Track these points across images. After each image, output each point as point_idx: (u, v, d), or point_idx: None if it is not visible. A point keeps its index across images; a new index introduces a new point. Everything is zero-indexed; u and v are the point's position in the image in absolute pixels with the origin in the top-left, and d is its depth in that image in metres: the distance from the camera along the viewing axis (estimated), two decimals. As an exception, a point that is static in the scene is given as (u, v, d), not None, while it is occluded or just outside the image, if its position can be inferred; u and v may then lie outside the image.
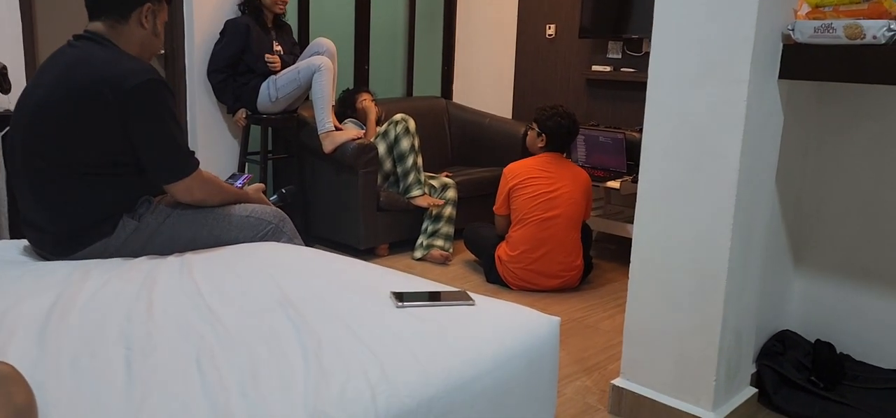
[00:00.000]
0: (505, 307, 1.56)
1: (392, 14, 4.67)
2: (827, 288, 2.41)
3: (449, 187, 3.82)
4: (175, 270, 1.71)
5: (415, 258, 3.72)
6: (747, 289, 2.06)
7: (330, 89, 3.56)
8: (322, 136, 3.58)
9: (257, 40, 3.59)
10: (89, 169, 1.81)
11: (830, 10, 1.80)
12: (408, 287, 1.63)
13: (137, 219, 1.89)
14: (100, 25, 1.88)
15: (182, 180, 1.89)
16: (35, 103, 1.82)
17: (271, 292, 1.56)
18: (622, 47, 4.25)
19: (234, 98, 3.67)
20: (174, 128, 1.86)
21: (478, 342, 1.38)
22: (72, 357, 1.23)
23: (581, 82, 4.46)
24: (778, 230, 2.30)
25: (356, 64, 4.46)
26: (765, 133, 1.96)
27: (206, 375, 1.18)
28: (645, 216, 2.07)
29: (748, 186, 1.93)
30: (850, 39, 1.76)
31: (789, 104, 2.07)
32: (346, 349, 1.29)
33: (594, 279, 3.53)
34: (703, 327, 1.99)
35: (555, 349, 1.52)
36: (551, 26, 4.56)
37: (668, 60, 1.95)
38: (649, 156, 2.04)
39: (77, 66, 1.80)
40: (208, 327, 1.37)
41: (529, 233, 3.22)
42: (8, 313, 1.41)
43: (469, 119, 4.64)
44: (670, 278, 2.03)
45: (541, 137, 3.33)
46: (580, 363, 2.57)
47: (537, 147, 3.36)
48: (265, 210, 2.09)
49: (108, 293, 1.54)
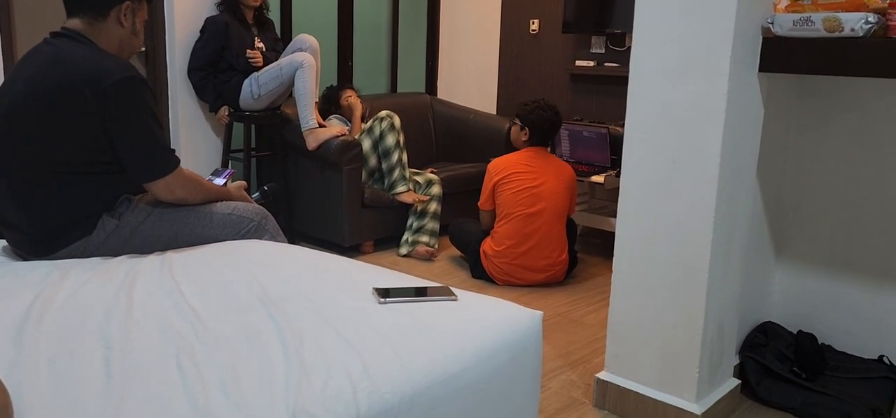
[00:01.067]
0: (487, 302, 1.56)
1: (375, 10, 4.65)
2: (808, 279, 2.43)
3: (434, 183, 3.82)
4: (155, 269, 1.70)
5: (400, 254, 3.71)
6: (729, 281, 2.07)
7: (313, 86, 3.54)
8: (305, 133, 3.56)
9: (237, 37, 3.56)
10: (68, 167, 1.79)
11: (809, 3, 1.82)
12: (390, 283, 1.62)
13: (117, 218, 1.87)
14: (78, 23, 1.85)
15: (162, 178, 1.87)
16: (11, 101, 1.79)
17: (252, 290, 1.55)
18: (605, 42, 4.27)
19: (215, 96, 3.64)
20: (154, 125, 1.84)
21: (460, 337, 1.38)
22: (49, 357, 1.22)
23: (565, 77, 4.47)
24: (759, 223, 2.32)
25: (340, 60, 4.44)
26: (745, 126, 1.97)
27: (185, 374, 1.17)
28: (627, 210, 2.08)
29: (729, 179, 1.94)
30: (828, 32, 1.77)
31: (769, 97, 2.09)
32: (328, 346, 1.28)
33: (579, 273, 3.54)
34: (686, 320, 2.00)
35: (538, 343, 1.52)
36: (535, 22, 4.56)
37: (649, 55, 1.96)
38: (631, 151, 2.05)
39: (54, 63, 1.77)
40: (188, 326, 1.36)
41: (514, 227, 3.22)
42: (-16, 314, 1.39)
43: (453, 115, 4.64)
44: (653, 272, 2.04)
45: (524, 132, 3.34)
46: (565, 357, 2.57)
47: (521, 141, 3.37)
48: (247, 208, 2.07)
49: (87, 292, 1.52)
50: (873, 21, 1.71)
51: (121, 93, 1.76)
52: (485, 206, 3.37)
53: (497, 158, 3.36)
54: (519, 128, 3.36)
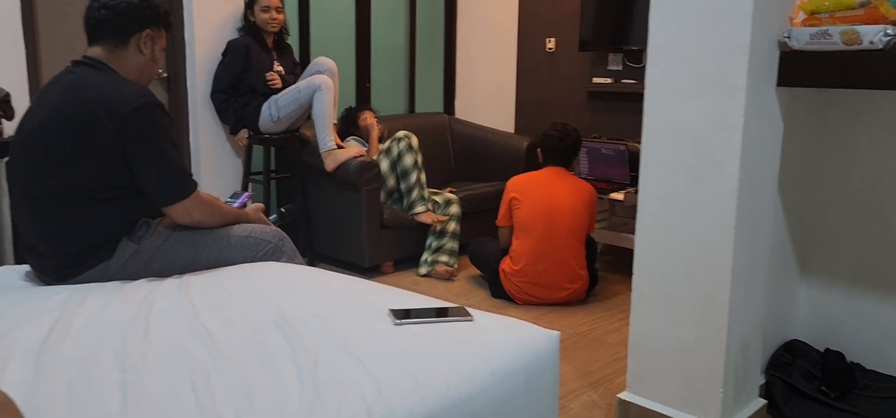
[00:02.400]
0: (503, 322, 1.54)
1: (393, 31, 4.69)
2: (835, 296, 2.38)
3: (452, 203, 3.82)
4: (173, 292, 1.71)
5: (419, 274, 3.71)
6: (753, 299, 2.03)
7: (331, 108, 3.57)
8: (324, 155, 3.58)
9: (258, 60, 3.61)
10: (88, 193, 1.82)
11: (826, 17, 1.80)
12: (406, 304, 1.62)
13: (137, 242, 1.89)
14: (99, 50, 1.89)
15: (180, 202, 1.89)
16: (33, 129, 1.83)
17: (268, 312, 1.55)
18: (622, 59, 4.25)
19: (235, 118, 3.68)
20: (171, 150, 1.87)
21: (475, 358, 1.37)
22: (67, 381, 1.23)
23: (582, 95, 4.46)
24: (782, 239, 2.28)
25: (358, 82, 4.47)
26: (764, 141, 1.94)
27: (200, 397, 1.17)
28: (646, 228, 2.06)
29: (749, 195, 1.91)
30: (846, 45, 1.74)
31: (789, 111, 2.06)
32: (342, 368, 1.28)
33: (599, 292, 3.51)
34: (709, 339, 1.96)
35: (555, 364, 1.50)
36: (551, 40, 4.57)
37: (665, 71, 1.94)
38: (648, 168, 2.03)
39: (75, 91, 1.81)
40: (204, 349, 1.36)
41: (531, 244, 3.21)
42: (5, 338, 1.41)
43: (471, 134, 4.64)
44: (674, 290, 2.01)
45: (540, 153, 3.42)
46: (586, 377, 2.54)
47: (539, 163, 3.43)
48: (264, 230, 2.08)
49: (105, 316, 1.54)
50: (892, 33, 1.69)
51: (139, 119, 1.79)
52: (502, 223, 3.37)
53: (515, 176, 3.38)
54: (539, 150, 3.45)
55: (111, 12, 1.86)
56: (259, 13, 3.61)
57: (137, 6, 1.89)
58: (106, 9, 1.86)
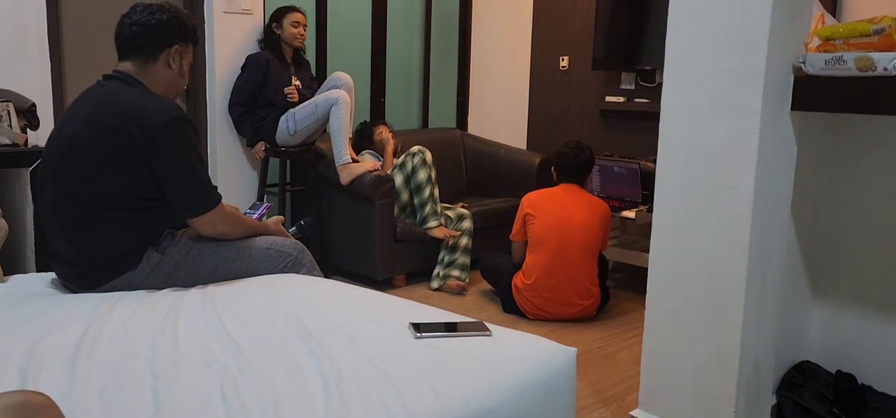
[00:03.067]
0: (522, 338, 1.58)
1: (407, 47, 4.75)
2: (847, 317, 2.39)
3: (465, 218, 3.85)
4: (198, 302, 1.75)
5: (432, 288, 3.74)
6: (765, 319, 2.06)
7: (347, 122, 3.62)
8: (339, 168, 3.63)
9: (276, 74, 3.67)
10: (115, 204, 1.86)
11: (841, 43, 1.83)
12: (425, 318, 1.65)
13: (161, 252, 1.93)
14: (129, 65, 1.95)
15: (205, 214, 1.93)
16: (64, 140, 1.88)
17: (292, 323, 1.59)
18: (635, 78, 4.29)
19: (253, 131, 3.74)
20: (198, 163, 1.92)
21: (495, 373, 1.40)
22: (100, 387, 1.27)
23: (595, 113, 4.50)
24: (795, 260, 2.30)
25: (372, 97, 4.53)
26: (778, 164, 1.97)
27: (230, 405, 1.21)
28: (660, 247, 2.09)
29: (763, 217, 1.94)
30: (861, 71, 1.78)
31: (803, 135, 2.09)
32: (366, 379, 1.31)
33: (611, 309, 3.53)
34: (721, 358, 1.99)
35: (571, 379, 1.53)
36: (564, 58, 4.61)
37: (681, 93, 1.98)
38: (663, 188, 2.06)
39: (105, 104, 1.86)
40: (231, 358, 1.40)
41: (544, 259, 3.24)
42: (38, 344, 1.45)
43: (484, 150, 4.68)
44: (687, 309, 2.04)
45: (553, 171, 3.45)
46: (598, 394, 2.56)
47: (553, 180, 3.47)
48: (285, 242, 2.12)
49: (134, 325, 1.58)
50: (906, 60, 1.72)
51: (167, 132, 1.84)
52: (516, 238, 3.41)
53: (530, 193, 3.42)
54: (553, 168, 3.49)
55: (142, 28, 1.92)
56: (288, 28, 3.68)
57: (167, 22, 1.94)
58: (137, 25, 1.92)
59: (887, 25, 1.76)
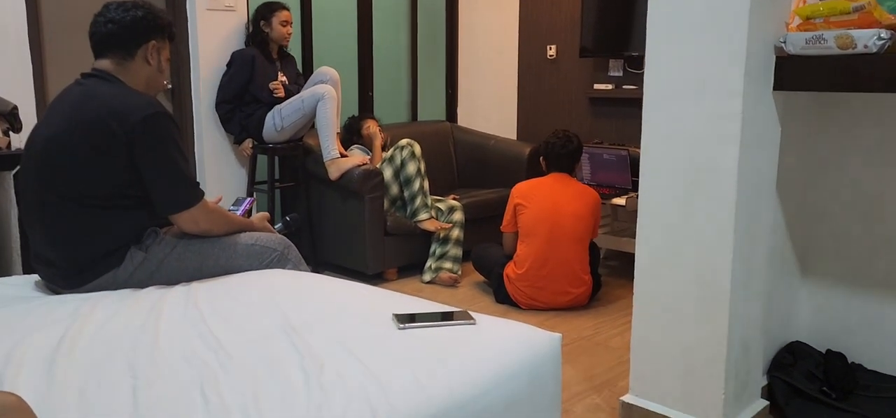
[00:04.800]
0: (506, 325, 1.57)
1: (394, 40, 4.73)
2: (836, 297, 2.40)
3: (456, 210, 3.85)
4: (181, 300, 1.74)
5: (424, 281, 3.73)
6: (752, 300, 2.06)
7: (334, 117, 3.60)
8: (328, 164, 3.62)
9: (262, 71, 3.66)
10: (97, 202, 1.85)
11: (821, 22, 1.82)
12: (409, 309, 1.64)
13: (145, 251, 1.92)
14: (107, 63, 1.93)
15: (187, 210, 1.92)
16: (44, 140, 1.87)
17: (274, 319, 1.58)
18: (623, 65, 4.28)
19: (240, 128, 3.73)
20: (179, 159, 1.90)
21: (478, 361, 1.39)
22: (79, 388, 1.26)
23: (584, 101, 4.49)
24: (783, 240, 2.30)
25: (360, 91, 4.51)
26: (762, 144, 1.97)
27: (209, 401, 1.20)
28: (646, 232, 2.08)
29: (748, 198, 1.94)
30: (841, 49, 1.77)
31: (786, 115, 2.08)
32: (347, 371, 1.30)
33: (603, 296, 3.52)
34: (710, 340, 1.98)
35: (557, 366, 1.53)
36: (552, 47, 4.60)
37: (662, 76, 1.97)
38: (648, 173, 2.05)
39: (84, 102, 1.85)
40: (212, 355, 1.39)
41: (534, 248, 3.24)
42: (17, 346, 1.43)
43: (474, 141, 4.67)
44: (674, 292, 2.04)
45: (542, 161, 3.44)
46: (590, 381, 2.56)
47: (542, 170, 3.45)
48: (270, 238, 2.11)
49: (115, 324, 1.56)
50: (886, 37, 1.71)
51: (147, 128, 1.83)
52: (507, 229, 3.41)
53: (520, 183, 3.42)
54: (542, 158, 3.48)
55: (118, 26, 1.90)
56: (277, 27, 3.66)
57: (143, 18, 1.93)
58: (113, 23, 1.90)
59: (867, 3, 1.75)
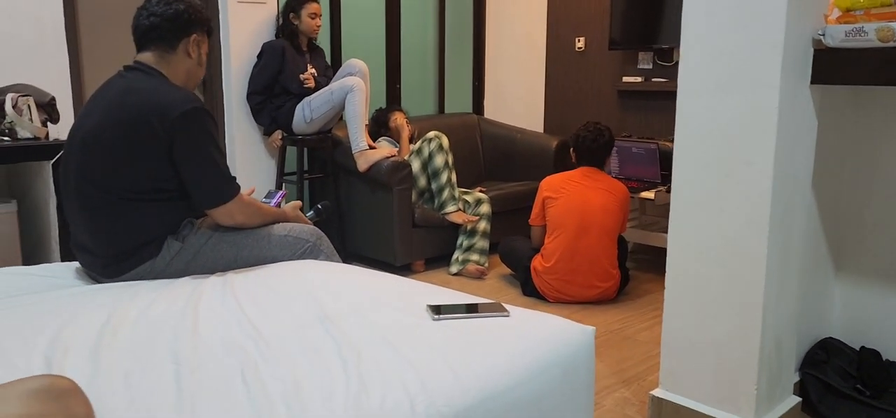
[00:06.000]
0: (539, 318, 1.57)
1: (422, 33, 4.73)
2: (870, 294, 2.36)
3: (483, 202, 3.85)
4: (218, 289, 1.77)
5: (451, 273, 3.75)
6: (786, 296, 2.04)
7: (363, 109, 3.62)
8: (356, 155, 3.64)
9: (292, 62, 3.69)
10: (136, 194, 1.89)
11: (861, 14, 1.79)
12: (443, 300, 1.66)
13: (181, 241, 1.95)
14: (149, 56, 1.96)
15: (223, 205, 1.95)
16: (86, 131, 1.91)
17: (311, 308, 1.60)
18: (653, 57, 4.25)
19: (270, 120, 3.77)
20: (217, 154, 1.93)
21: (513, 352, 1.40)
22: (124, 372, 1.29)
23: (612, 94, 4.46)
24: (817, 236, 2.27)
25: (388, 83, 4.53)
26: (798, 139, 1.95)
27: (250, 388, 1.22)
28: (679, 225, 2.07)
29: (783, 193, 1.91)
30: (882, 42, 1.74)
31: (824, 109, 2.05)
32: (385, 361, 1.32)
33: (631, 290, 3.51)
34: (742, 336, 1.97)
35: (590, 358, 1.53)
36: (581, 39, 4.57)
37: (698, 69, 1.96)
38: (681, 166, 2.04)
39: (126, 95, 1.88)
40: (251, 342, 1.42)
41: (563, 242, 3.23)
42: (62, 332, 1.47)
43: (501, 134, 4.67)
44: (707, 287, 2.02)
45: (572, 153, 3.43)
46: (619, 374, 2.56)
47: (572, 163, 3.45)
48: (303, 229, 2.14)
49: (155, 312, 1.60)
50: (930, 29, 1.68)
51: (187, 123, 1.86)
52: (535, 222, 3.41)
53: (549, 176, 3.41)
54: (572, 150, 3.46)
55: (160, 19, 1.93)
56: (306, 19, 3.69)
57: (185, 11, 1.96)
58: (155, 16, 1.93)
59: (910, -6, 1.72)
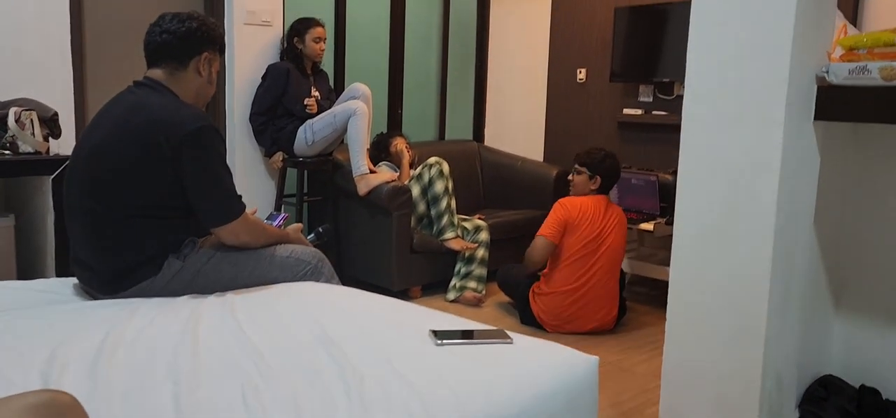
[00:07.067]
0: (543, 346, 1.57)
1: (425, 59, 4.76)
2: (870, 332, 2.36)
3: (481, 229, 3.85)
4: (218, 308, 1.76)
5: (448, 300, 3.73)
6: (787, 332, 2.03)
7: (365, 133, 3.63)
8: (357, 179, 3.64)
9: (296, 85, 3.70)
10: (140, 210, 1.88)
11: (865, 53, 1.81)
12: (446, 325, 1.65)
13: (182, 260, 1.94)
14: (159, 73, 1.97)
15: (229, 224, 1.94)
16: (93, 145, 1.90)
17: (312, 330, 1.59)
18: (653, 90, 4.28)
19: (271, 141, 3.77)
20: (224, 173, 1.93)
21: (516, 380, 1.39)
22: (123, 391, 1.27)
23: (613, 125, 4.49)
24: (817, 273, 2.27)
25: (390, 108, 4.55)
26: (801, 174, 1.95)
27: (250, 409, 1.21)
28: (682, 258, 2.07)
29: (786, 228, 1.92)
30: (885, 81, 1.76)
31: (825, 145, 2.07)
32: (387, 385, 1.31)
33: (629, 322, 3.50)
34: (744, 371, 1.96)
35: (593, 388, 1.52)
36: (582, 71, 4.61)
37: (702, 103, 1.97)
38: (685, 198, 2.04)
39: (134, 110, 1.88)
40: (252, 363, 1.40)
41: (572, 273, 3.20)
42: (59, 348, 1.45)
43: (501, 162, 4.68)
44: (709, 321, 2.02)
45: (593, 180, 3.32)
46: (617, 406, 2.54)
47: (589, 189, 3.33)
48: (305, 251, 2.13)
49: (154, 330, 1.58)
50: (933, 69, 1.70)
51: (195, 141, 1.85)
52: (552, 237, 3.23)
53: (568, 198, 3.31)
54: (588, 177, 3.33)
55: (172, 36, 1.94)
56: (310, 43, 3.71)
57: (197, 29, 1.96)
58: (167, 33, 1.94)
59: (913, 35, 1.74)
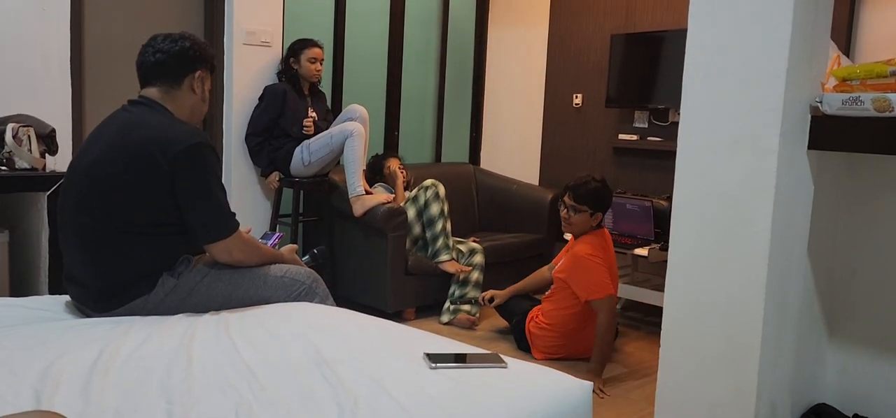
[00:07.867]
0: (538, 370, 1.56)
1: (422, 82, 4.79)
2: (863, 360, 2.36)
3: (476, 252, 3.85)
4: (212, 328, 1.75)
5: (442, 322, 3.72)
6: (781, 360, 2.03)
7: (361, 154, 3.64)
8: (353, 200, 3.64)
9: (293, 106, 3.71)
10: (134, 228, 1.88)
11: (858, 84, 1.84)
12: (440, 348, 1.64)
13: (177, 278, 1.94)
14: (154, 91, 1.98)
15: (222, 241, 1.94)
16: (89, 162, 1.91)
17: (306, 351, 1.58)
18: (648, 117, 4.31)
19: (267, 161, 3.77)
20: (218, 190, 1.93)
21: (510, 404, 1.39)
22: (116, 410, 1.27)
23: (608, 150, 4.51)
24: (811, 301, 2.28)
25: (387, 130, 4.56)
26: (795, 203, 1.97)
27: (244, 431, 1.20)
28: (676, 284, 2.07)
29: (780, 256, 1.93)
30: (878, 112, 1.78)
31: (819, 174, 2.08)
32: (381, 408, 1.30)
33: (621, 348, 3.49)
34: (737, 398, 1.96)
35: (587, 414, 1.52)
36: (578, 96, 4.64)
37: (697, 131, 1.99)
38: (679, 226, 2.05)
39: (130, 128, 1.89)
40: (245, 384, 1.40)
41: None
42: (52, 366, 1.45)
43: (496, 185, 4.70)
44: (703, 348, 2.02)
45: (595, 216, 3.17)
46: (610, 432, 2.53)
47: (590, 227, 3.18)
48: (299, 271, 2.13)
49: (148, 348, 1.58)
50: (924, 101, 1.72)
51: (190, 157, 1.86)
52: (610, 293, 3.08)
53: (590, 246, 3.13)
54: (588, 215, 3.14)
55: (166, 55, 1.96)
56: (306, 64, 3.72)
57: (190, 48, 1.99)
58: (161, 53, 1.96)
59: (904, 67, 1.77)
